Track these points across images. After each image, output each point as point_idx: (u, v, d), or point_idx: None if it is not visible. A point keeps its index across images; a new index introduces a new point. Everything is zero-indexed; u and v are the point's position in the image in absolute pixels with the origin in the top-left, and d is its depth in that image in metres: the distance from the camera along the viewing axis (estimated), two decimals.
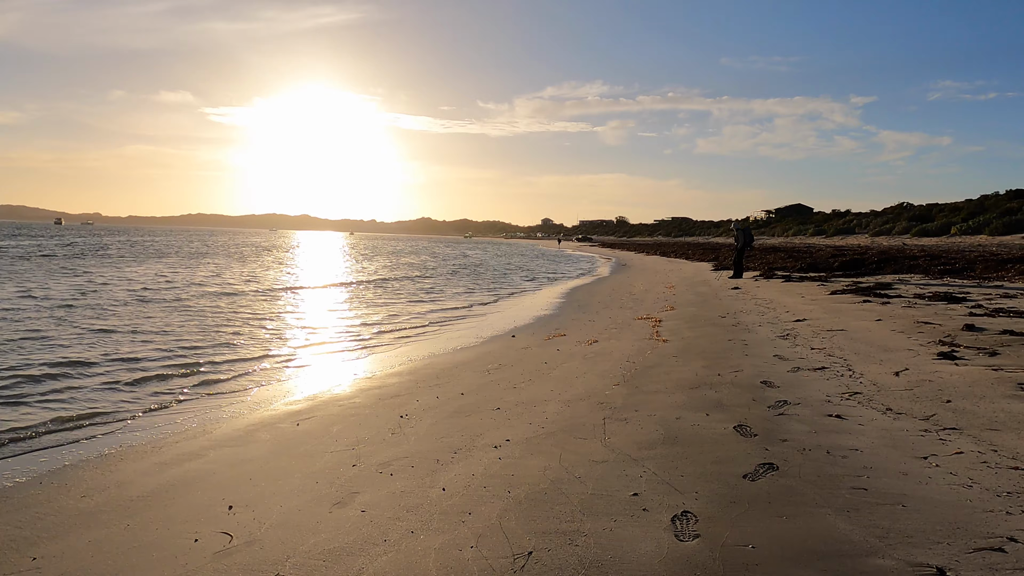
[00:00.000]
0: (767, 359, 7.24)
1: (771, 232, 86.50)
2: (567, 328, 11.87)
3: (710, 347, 8.36)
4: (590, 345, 9.52)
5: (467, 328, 12.67)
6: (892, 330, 8.79)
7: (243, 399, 6.74)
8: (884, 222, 66.36)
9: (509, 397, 6.30)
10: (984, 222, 50.16)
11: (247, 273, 24.85)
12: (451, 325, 13.17)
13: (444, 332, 12.25)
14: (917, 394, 5.31)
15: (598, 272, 34.15)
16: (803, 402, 5.24)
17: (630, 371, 7.10)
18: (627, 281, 24.79)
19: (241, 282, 20.03)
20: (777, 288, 17.36)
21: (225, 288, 17.66)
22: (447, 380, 7.43)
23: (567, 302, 17.53)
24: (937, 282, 16.67)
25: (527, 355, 9.02)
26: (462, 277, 28.36)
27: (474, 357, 9.12)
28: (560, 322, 12.92)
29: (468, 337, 11.37)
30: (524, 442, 4.63)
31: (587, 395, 6.07)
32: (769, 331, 9.56)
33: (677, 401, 5.53)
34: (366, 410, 6.06)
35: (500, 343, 10.47)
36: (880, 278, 18.92)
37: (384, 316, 13.74)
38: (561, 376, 7.22)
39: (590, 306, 15.96)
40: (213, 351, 9.00)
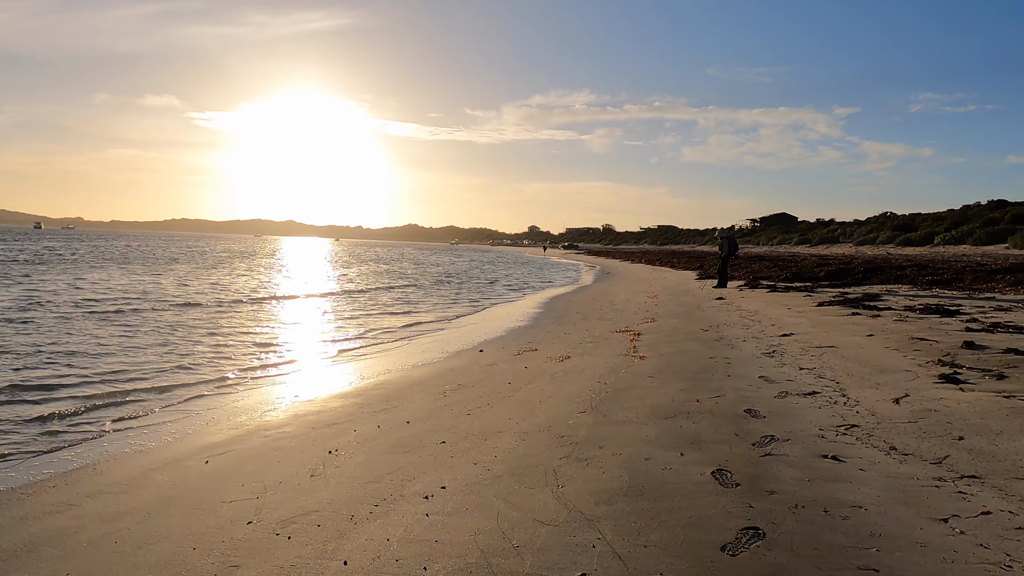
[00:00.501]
0: (752, 381, 6.52)
1: (756, 241, 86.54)
2: (540, 341, 11.12)
3: (690, 366, 7.64)
4: (561, 362, 8.77)
5: (435, 341, 11.87)
6: (886, 347, 8.12)
7: (158, 432, 5.90)
8: (868, 231, 66.48)
9: (460, 426, 5.52)
10: (967, 232, 50.24)
11: (213, 281, 23.85)
12: (420, 338, 12.37)
13: (410, 345, 11.44)
14: (923, 428, 4.60)
15: (581, 280, 33.48)
16: (793, 437, 4.51)
17: (600, 394, 6.35)
18: (609, 290, 24.11)
19: (203, 291, 19.04)
20: (762, 298, 16.74)
21: (183, 298, 16.66)
22: (396, 404, 6.63)
23: (545, 312, 16.78)
24: (926, 293, 16.14)
25: (492, 373, 8.24)
26: (441, 286, 27.55)
27: (434, 375, 8.33)
28: (534, 335, 12.16)
29: (434, 351, 10.57)
30: (462, 490, 3.85)
31: (548, 425, 5.31)
32: (754, 347, 8.87)
33: (649, 434, 4.78)
34: (292, 443, 5.26)
35: (466, 358, 9.69)
36: (867, 289, 18.38)
37: (350, 330, 12.88)
38: (524, 399, 6.46)
39: (568, 317, 15.22)
40: (141, 374, 8.06)
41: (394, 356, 10.29)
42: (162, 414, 6.45)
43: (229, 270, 32.02)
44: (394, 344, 11.57)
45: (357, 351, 10.65)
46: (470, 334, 12.75)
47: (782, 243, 78.37)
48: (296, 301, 17.09)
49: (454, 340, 11.95)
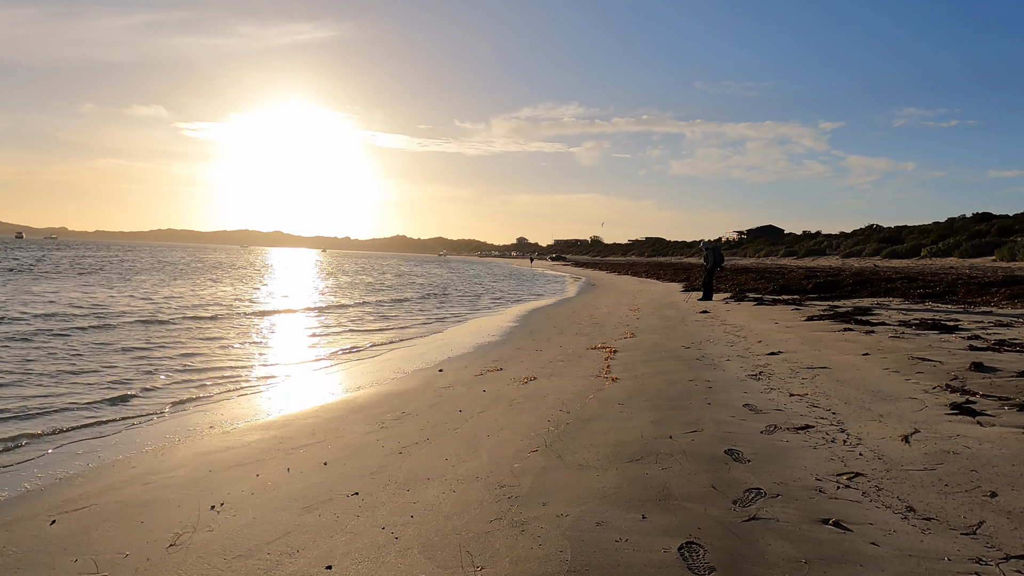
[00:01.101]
0: (735, 410, 5.64)
1: (743, 252, 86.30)
2: (508, 360, 10.20)
3: (667, 390, 6.75)
4: (524, 384, 7.85)
5: (396, 359, 10.91)
6: (884, 369, 7.28)
7: (17, 476, 4.90)
8: (854, 243, 66.31)
9: (386, 470, 4.58)
10: (954, 244, 50.03)
11: (175, 294, 22.74)
12: (382, 356, 11.41)
13: (368, 364, 10.47)
14: (944, 478, 3.73)
15: (564, 292, 32.62)
16: (785, 492, 3.62)
17: (559, 427, 5.44)
18: (591, 303, 23.26)
19: (159, 304, 17.94)
20: (748, 312, 15.94)
21: (133, 313, 15.57)
22: (322, 438, 5.68)
23: (520, 326, 15.87)
24: (919, 307, 15.41)
25: (445, 398, 7.31)
26: (418, 299, 26.59)
27: (379, 400, 7.38)
28: (503, 351, 11.24)
29: (390, 371, 9.62)
30: (351, 572, 2.92)
31: (489, 470, 4.39)
32: (738, 367, 8.00)
33: (607, 485, 3.88)
34: (174, 494, 4.29)
35: (422, 379, 8.74)
36: (857, 302, 17.64)
37: (307, 348, 11.86)
38: (471, 433, 5.53)
39: (543, 331, 14.32)
40: (26, 402, 6.98)
41: (345, 376, 9.32)
42: (34, 451, 5.45)
43: (195, 283, 30.88)
44: (352, 363, 10.59)
45: (308, 371, 9.67)
46: (436, 350, 11.81)
47: (769, 255, 78.11)
48: (259, 317, 15.99)
49: (416, 358, 11.00)
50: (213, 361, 9.82)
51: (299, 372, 9.46)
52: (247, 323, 14.28)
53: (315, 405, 7.21)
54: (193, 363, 9.53)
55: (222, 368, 9.34)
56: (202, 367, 9.29)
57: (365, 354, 11.44)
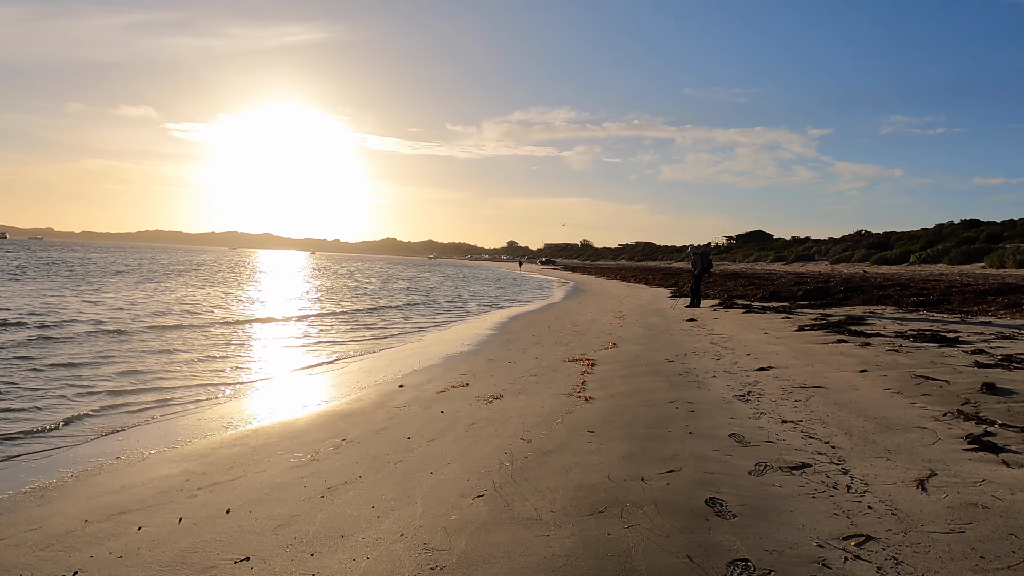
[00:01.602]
0: (719, 441, 4.89)
1: (732, 258, 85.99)
2: (477, 373, 9.41)
3: (644, 414, 5.99)
4: (489, 404, 7.07)
5: (356, 372, 10.09)
6: (886, 389, 6.56)
7: None
8: (843, 249, 66.12)
9: (296, 522, 3.79)
10: (943, 251, 49.83)
11: (144, 299, 21.77)
12: (342, 369, 10.59)
13: (324, 377, 9.65)
14: (977, 545, 2.98)
15: (549, 297, 31.87)
16: (779, 566, 2.85)
17: (516, 462, 4.66)
18: (576, 308, 22.52)
19: (123, 312, 16.97)
20: (737, 320, 15.24)
21: (90, 321, 14.60)
22: (241, 474, 4.87)
23: (498, 334, 15.09)
24: (914, 316, 14.77)
25: (397, 421, 6.51)
26: (399, 304, 25.77)
27: (322, 423, 6.57)
28: (474, 364, 10.46)
29: (346, 386, 8.80)
30: None
31: (419, 524, 3.60)
32: (725, 385, 7.26)
33: (556, 552, 3.10)
34: (24, 557, 3.46)
35: (378, 396, 7.93)
36: (849, 310, 17.00)
37: (262, 361, 10.95)
38: (412, 468, 4.75)
39: (520, 341, 13.55)
40: None
41: (297, 393, 8.49)
42: None
43: (166, 287, 29.90)
44: (309, 377, 9.76)
45: (257, 389, 8.82)
46: (404, 362, 11.00)
47: (758, 260, 77.81)
48: (225, 326, 15.01)
49: (381, 370, 10.18)
50: (155, 379, 8.92)
51: (248, 390, 8.61)
52: (209, 334, 13.38)
53: (248, 429, 6.39)
54: (130, 382, 8.59)
55: (162, 387, 8.46)
56: (138, 387, 8.37)
57: (328, 367, 10.61)
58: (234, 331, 14.24)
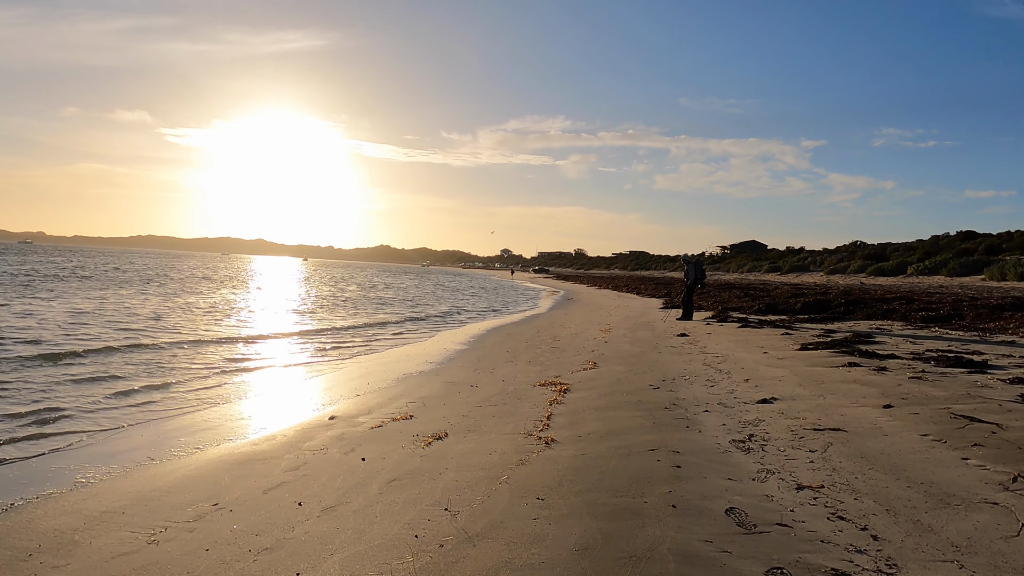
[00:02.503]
0: (714, 524, 3.51)
1: (726, 268, 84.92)
2: (429, 400, 8.01)
3: (615, 469, 4.62)
4: (427, 446, 5.67)
5: (286, 400, 8.64)
6: (923, 435, 5.21)
7: None
8: (839, 260, 65.07)
9: None
10: (941, 262, 48.77)
11: (89, 309, 20.24)
12: (275, 391, 9.17)
13: (240, 405, 8.20)
14: None
15: (535, 307, 30.49)
16: None
17: (422, 556, 3.27)
18: (560, 320, 21.14)
19: (73, 327, 15.39)
20: (732, 336, 13.91)
21: (24, 339, 13.00)
22: (31, 569, 3.45)
23: (469, 350, 13.68)
24: (926, 333, 13.46)
25: (301, 473, 5.11)
26: (372, 314, 24.36)
27: (204, 474, 5.14)
28: (430, 387, 9.05)
29: (266, 417, 7.36)
30: None
31: None
32: (720, 424, 5.89)
33: None
34: None
35: (296, 433, 6.51)
36: (853, 325, 15.70)
37: (183, 389, 9.40)
38: (275, 565, 3.34)
39: (491, 358, 12.15)
40: None
41: (196, 428, 7.05)
42: None
43: (132, 297, 28.39)
44: (227, 405, 8.32)
45: (151, 423, 7.34)
46: (347, 384, 9.58)
47: (752, 270, 76.72)
48: (175, 347, 13.41)
49: (317, 395, 8.76)
50: (52, 415, 7.44)
51: (142, 424, 7.12)
52: (148, 356, 11.89)
53: (95, 487, 4.92)
54: (17, 426, 7.10)
55: (58, 419, 6.99)
56: (21, 433, 6.91)
57: (260, 392, 9.17)
58: (184, 351, 12.75)
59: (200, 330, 15.34)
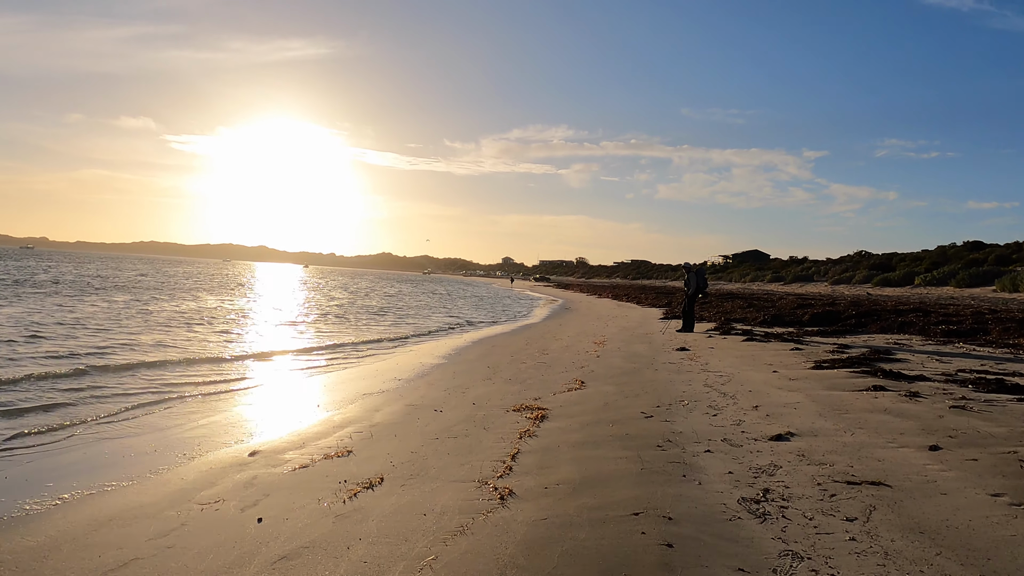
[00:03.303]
0: None
1: (728, 277, 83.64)
2: (381, 428, 6.77)
3: (586, 546, 3.38)
4: (350, 500, 4.44)
5: (213, 424, 7.39)
6: (993, 494, 3.96)
7: None
8: (843, 270, 63.75)
9: None
10: (949, 273, 47.43)
11: (36, 319, 19.03)
12: (204, 416, 7.94)
13: (150, 436, 6.97)
14: None
15: (530, 317, 29.24)
16: None
17: None
18: (553, 331, 19.89)
19: (26, 348, 14.16)
20: (737, 351, 12.66)
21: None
22: None
23: (447, 364, 12.44)
24: (952, 350, 12.19)
25: (163, 544, 3.88)
26: (356, 323, 23.16)
27: (34, 547, 3.91)
28: (388, 411, 7.81)
29: (173, 449, 6.11)
30: None
31: None
32: (726, 471, 4.65)
33: None
34: None
35: (196, 476, 5.28)
36: (868, 339, 14.44)
37: (107, 420, 8.19)
38: None
39: (469, 374, 10.90)
40: None
41: (75, 465, 5.81)
42: None
43: (98, 307, 27.23)
44: (143, 429, 7.08)
45: (41, 446, 6.13)
46: (290, 408, 8.35)
47: (755, 280, 75.41)
48: (125, 371, 12.01)
49: (254, 419, 7.53)
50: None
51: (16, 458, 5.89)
52: (49, 369, 10.61)
53: None
54: None
55: None
56: None
57: (192, 411, 7.94)
58: (133, 375, 11.52)
59: (141, 343, 14.13)
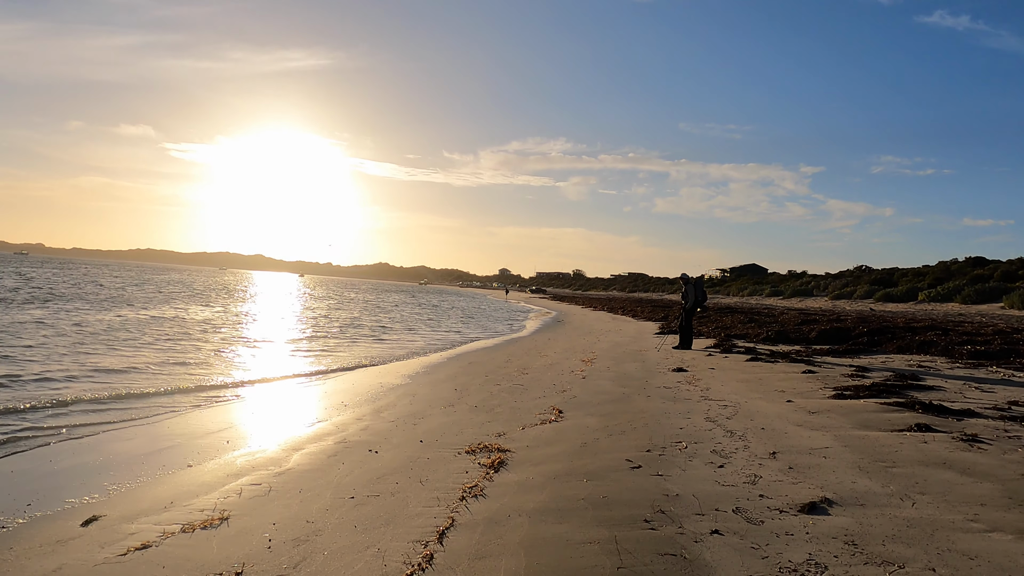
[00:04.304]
0: None
1: (726, 291, 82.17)
2: (282, 484, 5.23)
3: None
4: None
5: (57, 477, 5.85)
6: None
7: None
8: (843, 285, 62.34)
9: None
10: (955, 289, 46.04)
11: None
12: (68, 460, 6.39)
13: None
14: None
15: (520, 330, 27.70)
16: None
17: None
18: (540, 346, 18.34)
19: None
20: (741, 372, 11.14)
21: None
22: None
23: (408, 385, 10.88)
24: (985, 374, 10.67)
25: None
26: (326, 338, 21.63)
27: None
28: (311, 452, 6.26)
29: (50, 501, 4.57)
30: None
31: None
32: (740, 566, 3.12)
33: None
34: None
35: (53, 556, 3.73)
36: (887, 360, 12.93)
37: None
38: None
39: (430, 399, 9.35)
40: None
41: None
42: None
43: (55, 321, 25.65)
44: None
45: None
46: (187, 446, 6.80)
47: (753, 294, 73.93)
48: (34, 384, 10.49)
49: (113, 469, 5.98)
50: None
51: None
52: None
53: None
54: None
55: None
56: None
57: (27, 463, 6.38)
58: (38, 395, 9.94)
59: (44, 362, 12.55)
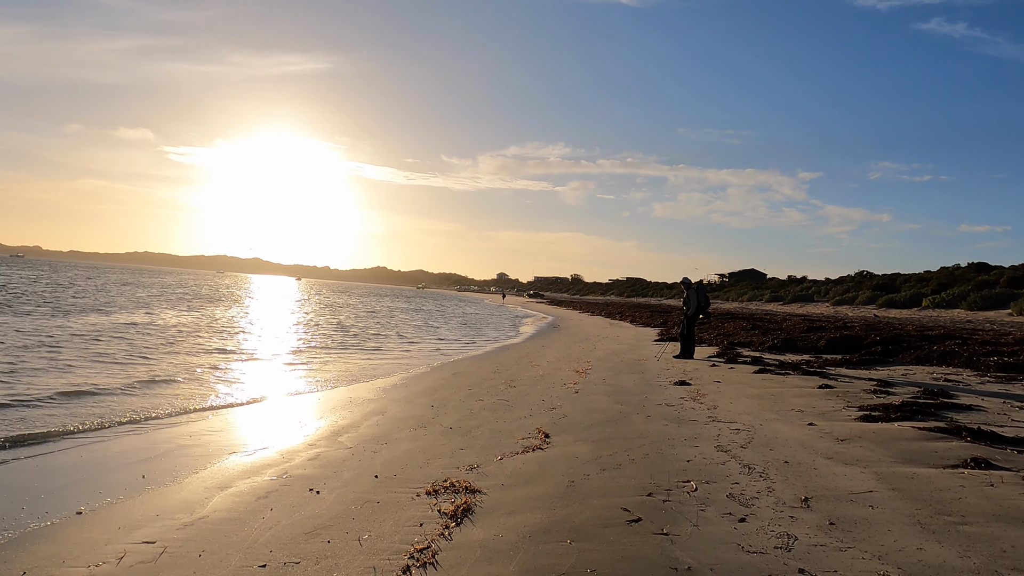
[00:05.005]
0: None
1: (725, 296, 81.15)
2: (182, 546, 4.15)
3: None
4: None
5: None
6: None
7: None
8: (845, 290, 61.36)
9: None
10: (960, 295, 45.04)
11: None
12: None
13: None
14: None
15: (513, 337, 26.61)
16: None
17: None
18: (533, 354, 17.26)
19: None
20: (751, 386, 10.08)
21: None
22: None
23: (383, 400, 9.80)
24: (1022, 390, 9.61)
25: None
26: (303, 347, 20.57)
27: None
28: (248, 485, 5.19)
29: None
30: None
31: None
32: None
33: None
34: None
35: None
36: (907, 373, 11.87)
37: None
38: None
39: (400, 419, 8.27)
40: None
41: None
42: None
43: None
44: None
45: None
46: (99, 479, 5.72)
47: (753, 299, 72.91)
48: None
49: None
50: None
51: None
52: None
53: None
54: None
55: None
56: None
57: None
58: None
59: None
